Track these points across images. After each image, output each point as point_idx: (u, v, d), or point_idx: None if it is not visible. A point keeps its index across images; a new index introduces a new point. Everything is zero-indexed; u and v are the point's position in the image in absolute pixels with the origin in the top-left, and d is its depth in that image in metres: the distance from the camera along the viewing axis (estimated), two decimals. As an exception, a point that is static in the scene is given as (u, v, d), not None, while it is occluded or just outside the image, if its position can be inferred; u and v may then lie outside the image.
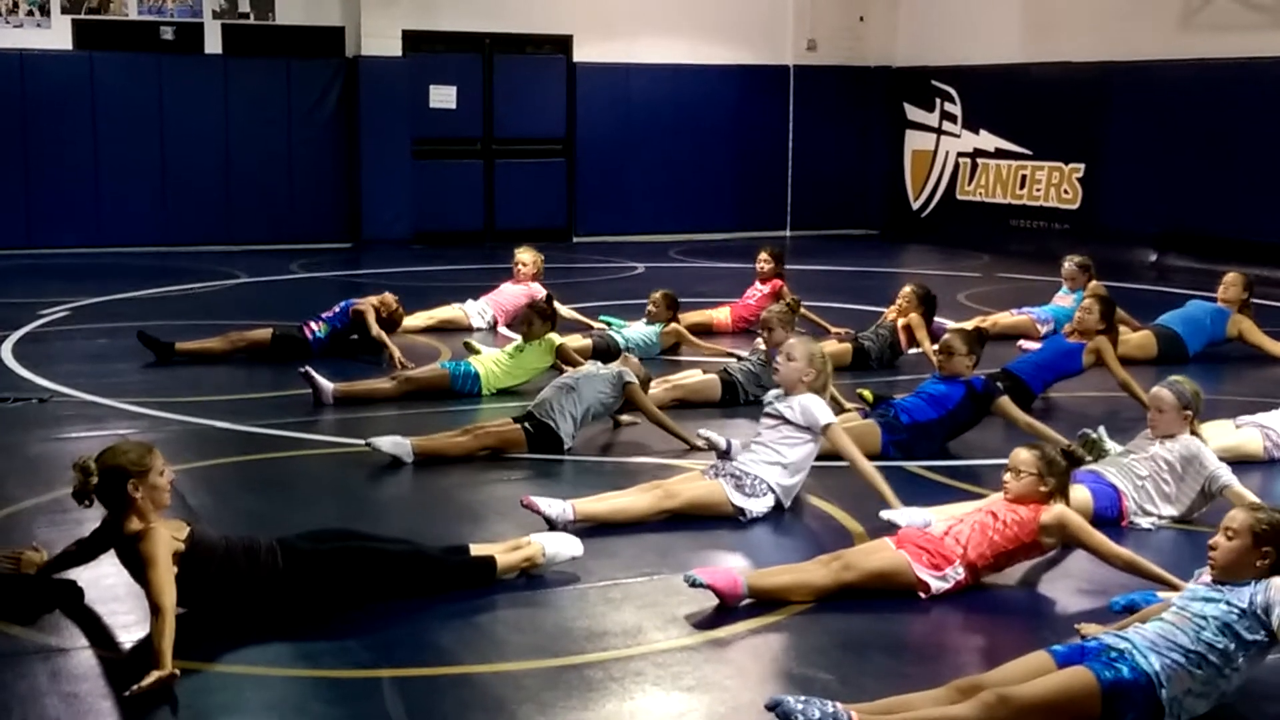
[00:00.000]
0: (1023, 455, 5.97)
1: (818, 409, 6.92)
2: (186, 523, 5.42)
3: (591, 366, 8.63)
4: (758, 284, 12.64)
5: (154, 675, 4.63)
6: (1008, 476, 5.97)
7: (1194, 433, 6.95)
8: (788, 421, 6.93)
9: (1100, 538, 5.84)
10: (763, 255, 12.71)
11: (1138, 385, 9.01)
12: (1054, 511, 5.83)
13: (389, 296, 11.37)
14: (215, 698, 4.78)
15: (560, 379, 8.47)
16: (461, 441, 7.99)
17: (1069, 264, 12.44)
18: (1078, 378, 9.66)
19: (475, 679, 4.96)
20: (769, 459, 6.96)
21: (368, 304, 11.06)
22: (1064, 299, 12.35)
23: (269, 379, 10.18)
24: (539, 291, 12.39)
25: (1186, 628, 4.58)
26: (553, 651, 5.20)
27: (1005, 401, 8.17)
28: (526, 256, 12.86)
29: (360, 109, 19.07)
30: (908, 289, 10.98)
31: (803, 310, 11.71)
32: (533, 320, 9.74)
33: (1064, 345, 9.64)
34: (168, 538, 5.13)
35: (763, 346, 9.55)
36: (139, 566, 5.06)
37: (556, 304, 10.43)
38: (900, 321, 10.85)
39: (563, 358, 9.57)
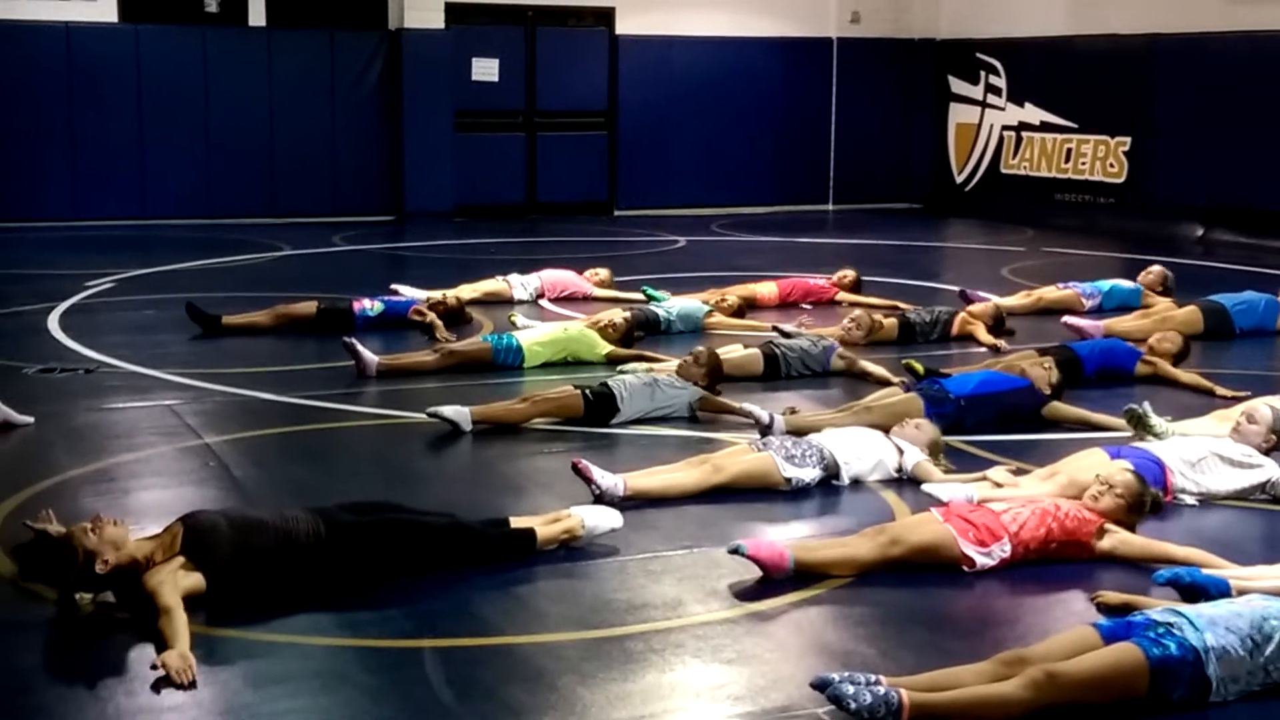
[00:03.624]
0: (1128, 479, 5.99)
1: (919, 467, 6.94)
2: (181, 520, 5.40)
3: (675, 380, 8.49)
4: (830, 283, 12.55)
5: (170, 654, 4.67)
6: (1100, 488, 5.96)
7: (1268, 452, 6.94)
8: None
9: (1157, 548, 5.78)
10: (845, 271, 12.64)
11: (1205, 380, 9.01)
12: (1117, 537, 5.82)
13: (451, 297, 11.29)
14: (259, 665, 4.82)
15: (648, 374, 8.46)
16: (520, 409, 8.05)
17: (1162, 272, 12.28)
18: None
19: (516, 649, 4.99)
20: (843, 437, 7.04)
21: (428, 311, 10.98)
22: (1128, 283, 12.28)
23: (313, 351, 10.23)
24: (589, 288, 12.44)
25: (1252, 615, 4.56)
26: (593, 623, 5.22)
27: (1059, 405, 8.18)
28: (603, 272, 12.87)
29: (403, 81, 19.08)
30: (990, 305, 11.06)
31: (867, 301, 11.98)
32: (616, 326, 9.88)
33: (1124, 345, 9.67)
34: (162, 574, 5.11)
35: (806, 323, 9.63)
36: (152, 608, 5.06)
37: (607, 290, 10.79)
38: (961, 315, 10.81)
39: (612, 360, 9.60)
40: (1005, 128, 20.78)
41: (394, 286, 12.16)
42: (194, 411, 8.35)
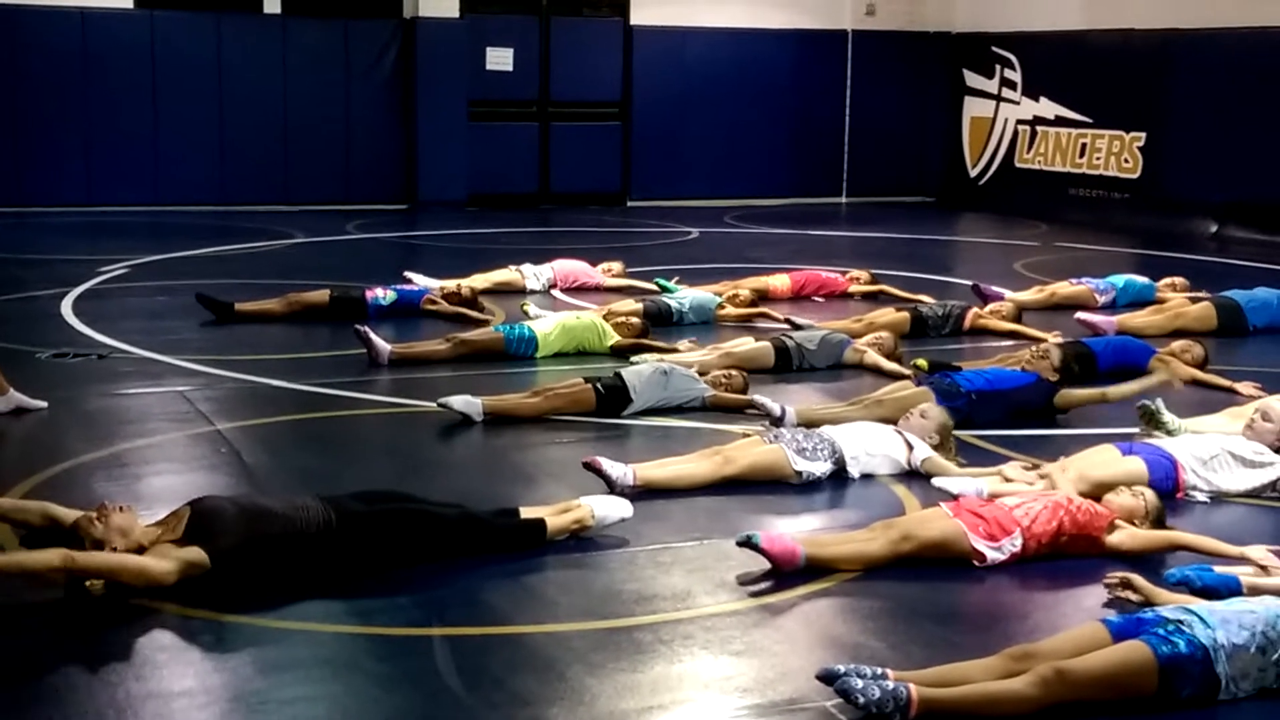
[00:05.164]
0: (1153, 496, 6.04)
1: (929, 461, 6.94)
2: (189, 504, 5.42)
3: (688, 371, 8.53)
4: (845, 279, 12.52)
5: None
6: (1121, 488, 6.03)
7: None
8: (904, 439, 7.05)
9: (1162, 539, 5.81)
10: (858, 274, 12.61)
11: (1215, 376, 9.01)
12: (1125, 530, 5.84)
13: (465, 287, 11.35)
14: (269, 652, 4.83)
15: (661, 364, 8.49)
16: (533, 403, 8.04)
17: (1182, 282, 12.24)
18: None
19: (525, 639, 4.99)
20: (854, 430, 7.04)
21: (441, 300, 11.04)
22: (1141, 278, 12.26)
23: (325, 338, 10.24)
24: (601, 279, 12.44)
25: (1264, 614, 4.55)
26: (602, 614, 5.23)
27: (1068, 392, 8.18)
28: (617, 266, 12.89)
29: (417, 70, 19.07)
30: (1010, 306, 11.07)
31: (883, 288, 12.04)
32: (632, 326, 9.86)
33: (1137, 342, 9.68)
34: (156, 556, 5.16)
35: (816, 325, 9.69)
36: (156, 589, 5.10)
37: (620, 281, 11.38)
38: (973, 311, 10.80)
39: (617, 351, 9.62)
40: (1020, 122, 20.74)
41: (407, 275, 12.17)
42: (206, 398, 8.37)
